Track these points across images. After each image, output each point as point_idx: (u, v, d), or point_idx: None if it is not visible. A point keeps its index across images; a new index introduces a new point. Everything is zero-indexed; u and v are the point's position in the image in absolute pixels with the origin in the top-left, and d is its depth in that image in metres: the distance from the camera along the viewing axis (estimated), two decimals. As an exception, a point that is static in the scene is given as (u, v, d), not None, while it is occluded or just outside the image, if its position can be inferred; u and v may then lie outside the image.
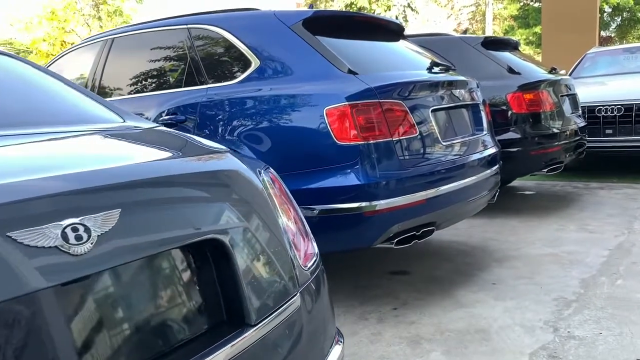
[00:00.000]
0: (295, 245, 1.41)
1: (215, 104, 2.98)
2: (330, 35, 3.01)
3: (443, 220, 2.97)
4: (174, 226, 1.03)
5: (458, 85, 3.22)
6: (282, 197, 1.55)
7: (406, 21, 15.07)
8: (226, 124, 2.90)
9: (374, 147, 2.60)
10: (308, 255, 1.49)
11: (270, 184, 1.49)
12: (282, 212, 1.46)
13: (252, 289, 1.14)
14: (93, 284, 0.90)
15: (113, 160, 1.08)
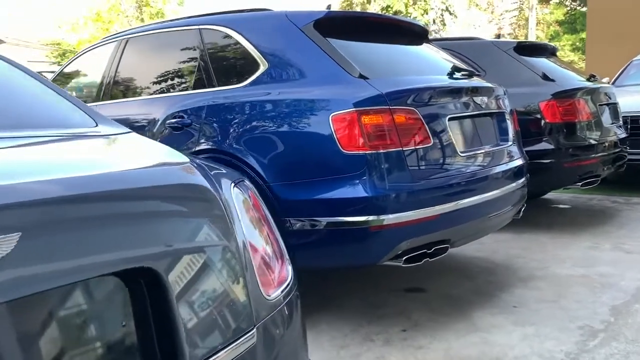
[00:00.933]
0: (261, 270, 1.25)
1: (220, 108, 2.86)
2: (344, 37, 2.85)
3: (459, 237, 2.76)
4: (93, 252, 0.89)
5: (481, 92, 3.00)
6: (257, 214, 1.39)
7: (444, 25, 14.75)
8: (230, 129, 2.77)
9: (383, 157, 2.42)
10: (279, 281, 1.33)
11: (242, 200, 1.34)
12: (252, 232, 1.30)
13: (193, 326, 0.99)
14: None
15: (35, 172, 0.95)
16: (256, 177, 2.63)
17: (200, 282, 1.03)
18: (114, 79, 3.62)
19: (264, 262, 1.30)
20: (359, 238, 2.45)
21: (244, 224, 1.27)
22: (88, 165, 1.10)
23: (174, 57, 3.37)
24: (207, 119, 2.89)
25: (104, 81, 3.67)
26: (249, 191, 1.45)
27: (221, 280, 1.07)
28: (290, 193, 2.55)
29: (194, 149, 2.90)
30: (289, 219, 2.55)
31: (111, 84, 3.62)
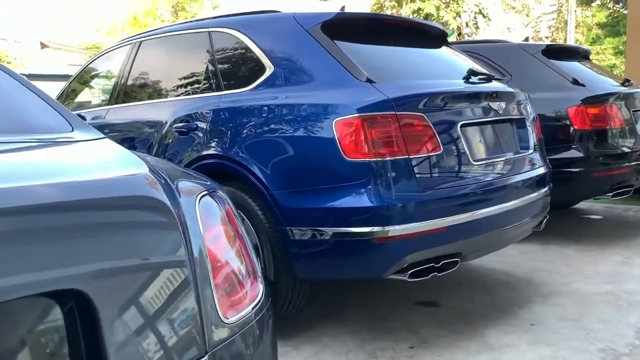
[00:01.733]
0: (226, 289, 1.16)
1: (224, 112, 2.78)
2: (354, 39, 2.74)
3: (471, 250, 2.61)
4: (20, 270, 0.81)
5: (499, 97, 2.85)
6: (230, 228, 1.30)
7: (477, 28, 14.42)
8: (233, 134, 2.69)
9: (388, 165, 2.30)
10: (249, 299, 1.23)
11: (210, 213, 1.24)
12: (220, 247, 1.21)
13: (126, 353, 0.89)
14: None
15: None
16: (258, 184, 2.55)
17: (139, 304, 0.93)
18: (127, 82, 3.60)
19: (231, 280, 1.21)
20: (361, 250, 2.33)
21: (209, 239, 1.17)
22: (32, 175, 1.03)
23: (184, 60, 3.33)
24: (211, 124, 2.82)
25: (117, 84, 3.65)
26: (224, 203, 1.35)
27: (165, 302, 0.97)
28: (292, 201, 2.46)
29: (198, 154, 2.84)
30: (290, 228, 2.46)
31: (124, 87, 3.60)
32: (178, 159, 2.95)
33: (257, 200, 2.58)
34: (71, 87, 4.22)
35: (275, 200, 2.49)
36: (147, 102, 3.40)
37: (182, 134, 2.95)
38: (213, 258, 1.15)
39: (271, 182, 2.50)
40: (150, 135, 3.18)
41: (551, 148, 4.27)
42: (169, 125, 3.04)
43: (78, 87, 4.21)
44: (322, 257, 2.44)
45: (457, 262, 2.49)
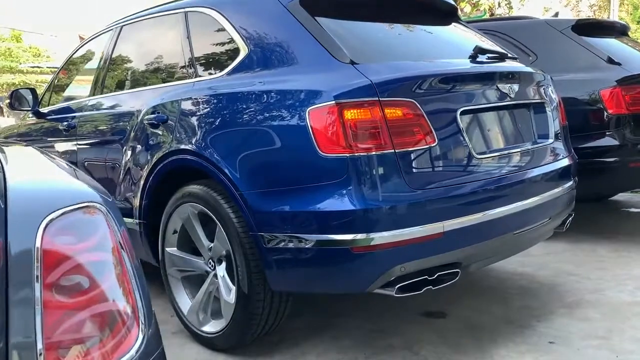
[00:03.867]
0: (82, 333, 0.84)
1: (194, 102, 2.47)
2: (340, 15, 2.38)
3: (474, 259, 2.24)
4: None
5: (511, 78, 2.44)
6: (99, 256, 0.98)
7: (510, 8, 13.66)
8: (201, 127, 2.38)
9: (368, 161, 1.94)
10: (123, 348, 0.92)
11: (61, 242, 0.92)
12: (76, 285, 0.89)
13: None
14: None
15: None
16: (228, 183, 2.23)
17: None
18: (107, 70, 3.33)
19: (88, 327, 0.89)
20: (339, 261, 1.99)
21: (55, 280, 0.86)
22: None
23: (160, 44, 3.03)
24: (181, 115, 2.51)
25: (98, 73, 3.39)
26: (102, 224, 1.03)
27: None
28: (263, 203, 2.13)
29: (168, 150, 2.54)
30: (261, 234, 2.13)
31: (104, 76, 3.33)
32: (149, 155, 2.66)
33: (230, 202, 2.27)
34: (58, 78, 3.99)
35: (245, 201, 2.17)
36: (124, 92, 3.13)
37: (153, 127, 2.66)
38: (55, 305, 0.84)
39: (241, 181, 2.18)
40: (124, 129, 2.90)
41: (583, 135, 3.83)
42: (141, 117, 2.75)
43: (65, 77, 3.97)
44: (297, 268, 2.11)
45: (457, 273, 2.12)
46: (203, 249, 2.50)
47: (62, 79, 3.98)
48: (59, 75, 3.99)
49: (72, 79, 3.91)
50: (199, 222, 2.49)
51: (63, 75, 3.97)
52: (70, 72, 3.94)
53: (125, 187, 2.90)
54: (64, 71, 3.96)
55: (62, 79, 3.98)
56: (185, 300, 2.65)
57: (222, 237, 2.33)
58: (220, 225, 2.31)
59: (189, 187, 2.48)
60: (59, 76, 3.99)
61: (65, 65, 3.95)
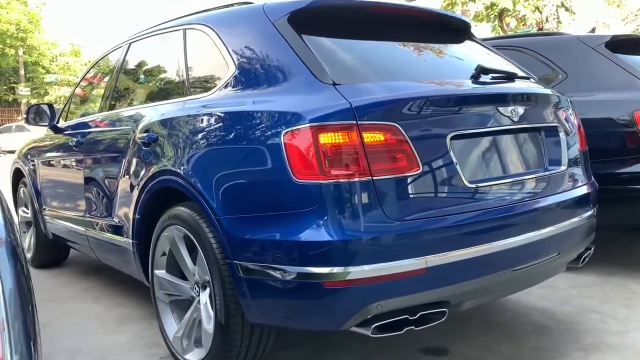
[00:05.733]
0: None
1: (180, 121, 2.41)
2: (330, 33, 2.27)
3: (466, 297, 2.05)
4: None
5: (514, 100, 2.24)
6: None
7: (559, 23, 13.10)
8: (185, 148, 2.31)
9: (342, 188, 1.81)
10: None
11: None
12: None
13: None
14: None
15: None
16: (207, 208, 2.14)
17: None
18: (115, 87, 3.32)
19: None
20: (309, 295, 1.85)
21: None
22: None
23: (161, 62, 3.00)
24: (168, 135, 2.45)
25: (106, 90, 3.39)
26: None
27: None
28: (238, 230, 2.02)
29: (156, 170, 2.48)
30: (236, 262, 2.02)
31: (112, 93, 3.33)
32: (141, 174, 2.61)
33: (210, 227, 2.17)
34: (75, 93, 4.03)
35: (222, 227, 2.07)
36: (126, 109, 3.10)
37: (145, 146, 2.61)
38: None
39: (218, 205, 2.09)
40: (122, 147, 2.86)
41: (616, 160, 3.56)
42: (135, 135, 2.71)
43: (82, 92, 4.02)
44: (270, 301, 1.99)
45: (444, 313, 1.94)
46: (189, 273, 2.42)
47: (79, 94, 4.02)
48: (77, 90, 4.04)
49: (88, 95, 3.95)
50: (185, 246, 2.41)
51: (80, 90, 4.02)
52: (86, 88, 3.98)
53: (120, 206, 2.86)
54: (81, 86, 4.01)
55: (79, 94, 4.02)
56: (172, 325, 2.57)
57: (202, 262, 2.23)
58: (201, 251, 2.22)
59: (174, 209, 2.40)
60: (76, 91, 4.04)
61: (82, 80, 4.00)
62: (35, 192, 4.13)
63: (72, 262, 4.55)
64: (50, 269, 4.40)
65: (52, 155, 3.83)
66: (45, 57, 33.89)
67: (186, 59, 2.67)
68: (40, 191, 4.08)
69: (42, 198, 4.04)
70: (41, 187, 4.07)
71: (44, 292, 3.84)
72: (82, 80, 4.00)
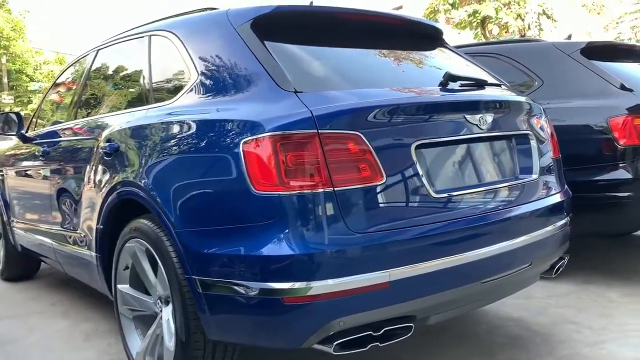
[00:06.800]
0: None
1: (140, 131, 2.34)
2: (294, 40, 2.21)
3: (434, 311, 1.98)
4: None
5: (483, 108, 2.19)
6: None
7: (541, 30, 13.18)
8: (144, 158, 2.23)
9: (302, 200, 1.74)
10: None
11: None
12: None
13: None
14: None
15: None
16: (166, 220, 2.06)
17: None
18: (80, 95, 3.24)
19: None
20: (269, 313, 1.78)
21: None
22: None
23: (126, 69, 2.93)
24: (129, 145, 2.38)
25: (72, 98, 3.31)
26: None
27: None
28: (197, 244, 1.95)
29: (117, 181, 2.40)
30: (195, 277, 1.94)
31: (77, 101, 3.25)
32: (103, 185, 2.53)
33: (170, 240, 2.09)
34: (45, 101, 3.94)
35: (180, 240, 2.00)
36: (91, 118, 3.02)
37: (107, 156, 2.53)
38: None
39: (176, 218, 2.01)
40: (86, 157, 2.78)
41: (593, 167, 3.53)
42: (99, 145, 2.63)
43: (50, 101, 3.92)
44: (230, 318, 1.91)
45: (410, 328, 1.88)
46: (152, 288, 2.34)
47: (47, 102, 3.93)
48: (45, 98, 3.94)
49: (56, 103, 3.86)
50: (147, 260, 2.32)
51: (49, 98, 3.92)
52: (54, 96, 3.89)
53: (83, 218, 2.77)
54: (50, 95, 3.91)
55: (47, 102, 3.93)
56: (136, 342, 2.48)
57: (162, 277, 2.15)
58: (162, 265, 2.14)
59: (136, 221, 2.32)
60: (45, 100, 3.94)
61: (51, 89, 3.90)
62: (4, 203, 4.03)
63: (42, 275, 4.43)
64: (21, 282, 4.28)
65: (20, 165, 3.73)
66: (29, 65, 33.61)
67: (150, 66, 2.60)
68: (8, 202, 3.98)
69: (11, 209, 3.94)
70: (10, 197, 3.96)
71: (13, 306, 3.73)
72: (51, 89, 3.90)
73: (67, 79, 3.73)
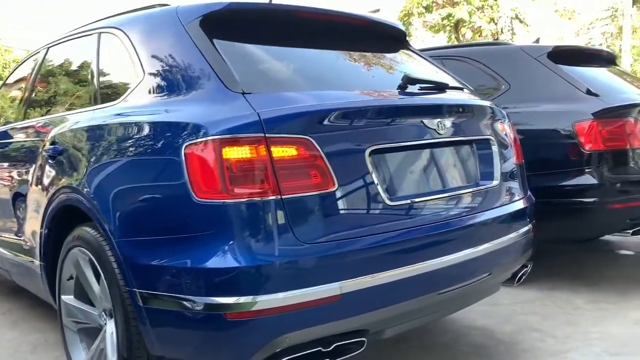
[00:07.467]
0: None
1: (83, 133, 2.21)
2: (245, 38, 2.10)
3: (388, 324, 1.89)
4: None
5: (441, 112, 2.11)
6: None
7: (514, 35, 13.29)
8: (86, 162, 2.11)
9: (247, 208, 1.64)
10: None
11: None
12: None
13: None
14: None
15: None
16: (107, 229, 1.93)
17: None
18: (29, 95, 3.09)
19: None
20: (211, 328, 1.67)
21: None
22: None
23: (75, 68, 2.79)
24: (72, 148, 2.25)
25: (22, 98, 3.15)
26: None
27: None
28: (138, 254, 1.83)
29: (59, 186, 2.26)
30: (136, 290, 1.82)
31: (26, 101, 3.09)
32: (46, 190, 2.39)
33: (112, 250, 1.97)
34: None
35: (121, 250, 1.88)
36: (38, 119, 2.87)
37: (51, 159, 2.39)
38: None
39: (116, 226, 1.89)
40: (32, 160, 2.63)
41: (557, 173, 3.50)
42: (42, 148, 2.49)
43: (2, 99, 3.75)
44: (172, 333, 1.80)
45: (363, 342, 1.78)
46: (96, 300, 2.20)
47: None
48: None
49: (6, 103, 3.68)
50: (91, 270, 2.19)
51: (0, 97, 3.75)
52: (5, 96, 3.71)
53: (28, 225, 2.63)
54: (1, 93, 3.74)
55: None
56: (80, 356, 2.35)
57: (105, 289, 2.03)
58: (104, 276, 2.02)
59: (79, 229, 2.19)
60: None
61: (2, 87, 3.73)
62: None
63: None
64: (-29, 290, 4.09)
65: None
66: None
67: (98, 64, 2.47)
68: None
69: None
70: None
71: (-40, 316, 3.55)
72: (2, 87, 3.73)
73: (18, 78, 3.56)
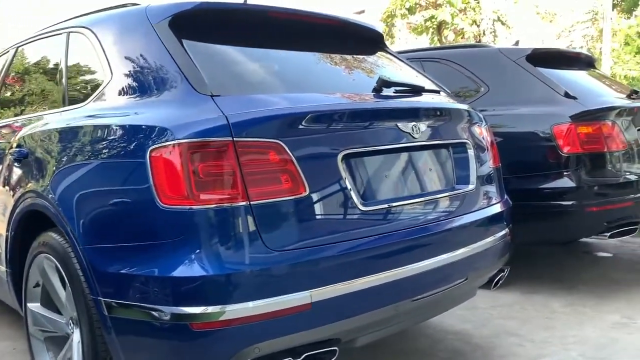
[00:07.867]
0: None
1: (48, 136, 2.14)
2: (215, 39, 2.05)
3: (360, 332, 1.85)
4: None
5: (417, 116, 2.07)
6: None
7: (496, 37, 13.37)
8: (50, 165, 2.05)
9: (215, 215, 1.59)
10: None
11: None
12: None
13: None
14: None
15: None
16: (72, 235, 1.87)
17: None
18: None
19: None
20: (177, 339, 1.61)
21: None
22: None
23: (43, 69, 2.71)
24: (37, 151, 2.17)
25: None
26: None
27: None
28: (102, 262, 1.77)
29: (24, 191, 2.19)
30: (101, 299, 1.76)
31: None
32: (11, 195, 2.31)
33: (78, 256, 1.90)
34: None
35: (85, 258, 1.81)
36: (6, 121, 2.79)
37: (16, 162, 2.31)
38: None
39: (80, 233, 1.83)
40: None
41: (535, 176, 3.50)
42: (9, 150, 2.41)
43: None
44: (138, 343, 1.74)
45: (334, 352, 1.74)
46: (63, 308, 2.14)
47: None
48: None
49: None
50: (57, 277, 2.12)
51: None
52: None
53: (-6, 229, 2.54)
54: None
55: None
56: (47, 366, 2.27)
57: (70, 297, 1.96)
58: (69, 284, 1.95)
59: (45, 235, 2.12)
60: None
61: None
62: None
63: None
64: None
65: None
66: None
67: (67, 65, 2.40)
68: None
69: None
70: None
71: None
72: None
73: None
